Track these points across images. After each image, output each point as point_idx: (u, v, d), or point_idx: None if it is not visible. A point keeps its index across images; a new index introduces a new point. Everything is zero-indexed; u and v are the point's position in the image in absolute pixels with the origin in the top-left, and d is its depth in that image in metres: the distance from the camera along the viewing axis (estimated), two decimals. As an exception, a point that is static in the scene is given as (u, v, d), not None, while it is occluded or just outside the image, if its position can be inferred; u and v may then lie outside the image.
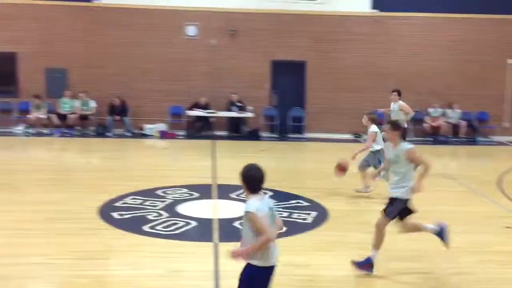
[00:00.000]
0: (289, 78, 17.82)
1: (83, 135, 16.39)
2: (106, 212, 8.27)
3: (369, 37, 17.57)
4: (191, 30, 17.29)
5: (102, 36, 16.88)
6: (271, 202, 4.52)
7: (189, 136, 16.78)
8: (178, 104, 17.15)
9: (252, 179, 4.39)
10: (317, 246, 7.29)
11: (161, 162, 13.32)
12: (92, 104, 16.73)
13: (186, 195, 9.47)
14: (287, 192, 9.91)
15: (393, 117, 12.26)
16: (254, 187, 4.39)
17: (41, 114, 16.38)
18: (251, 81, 17.33)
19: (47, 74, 16.82)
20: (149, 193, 9.42)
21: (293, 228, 7.89)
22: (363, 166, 10.00)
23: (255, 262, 4.37)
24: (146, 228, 7.65)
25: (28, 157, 13.70)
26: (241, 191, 9.73)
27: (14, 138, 15.61)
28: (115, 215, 8.16)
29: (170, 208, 8.59)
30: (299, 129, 17.70)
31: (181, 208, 8.64)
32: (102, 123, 16.74)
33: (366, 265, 6.22)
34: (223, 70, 17.24)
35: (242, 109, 17.05)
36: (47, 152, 14.44)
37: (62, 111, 16.55)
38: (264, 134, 17.39)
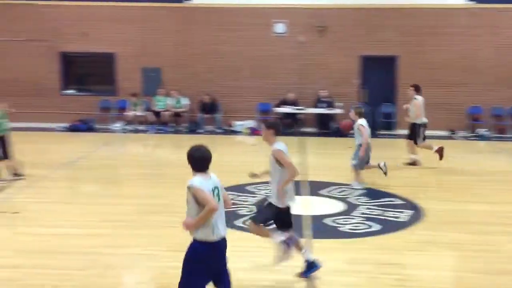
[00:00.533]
0: (378, 73, 17.47)
1: (176, 131, 16.95)
2: (199, 206, 8.52)
3: (465, 30, 16.85)
4: (279, 28, 17.38)
5: (193, 35, 17.37)
6: (219, 182, 4.69)
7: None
8: (267, 101, 17.31)
9: (199, 159, 4.59)
10: (410, 246, 7.13)
11: (251, 158, 13.51)
12: (185, 101, 17.27)
13: (276, 191, 9.56)
14: (380, 190, 9.76)
15: (411, 113, 11.84)
16: (200, 167, 4.60)
17: (138, 112, 17.13)
18: (339, 77, 17.16)
19: (143, 73, 17.55)
20: (240, 189, 9.60)
21: (387, 227, 7.76)
22: (365, 163, 9.80)
23: (198, 237, 4.52)
24: (238, 223, 7.81)
25: (126, 152, 14.39)
26: (333, 187, 9.73)
27: (112, 135, 16.44)
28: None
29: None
30: (389, 126, 17.31)
31: (272, 204, 8.73)
32: (194, 120, 17.25)
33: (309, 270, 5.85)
34: (311, 67, 17.19)
35: (330, 105, 16.93)
36: (143, 148, 15.09)
37: (156, 108, 17.21)
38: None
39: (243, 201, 8.94)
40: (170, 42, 17.39)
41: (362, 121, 9.76)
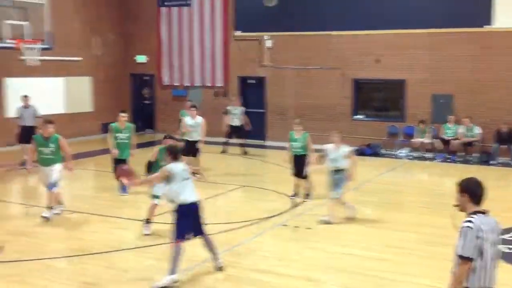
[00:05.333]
0: None
1: (465, 161, 16.16)
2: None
3: None
4: None
5: (491, 61, 16.38)
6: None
7: None
8: None
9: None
10: None
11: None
12: (477, 130, 16.36)
13: None
14: None
15: None
16: (175, 156, 7.06)
17: (425, 139, 16.88)
18: None
19: (433, 99, 17.25)
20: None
21: None
22: None
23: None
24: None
25: (411, 179, 14.32)
26: None
27: (397, 161, 16.51)
28: (503, 248, 7.79)
29: None
30: None
31: None
32: (486, 150, 16.21)
33: None
34: None
35: None
36: (429, 176, 14.79)
37: (445, 136, 16.70)
38: None
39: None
40: (464, 68, 16.72)
41: None
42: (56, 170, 9.53)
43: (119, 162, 11.21)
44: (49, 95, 18.33)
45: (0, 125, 15.76)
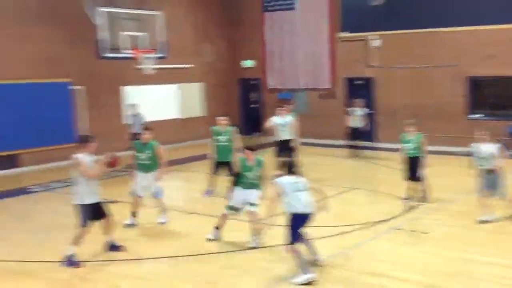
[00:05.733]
0: None
1: None
2: None
3: None
4: None
5: None
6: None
7: None
8: None
9: None
10: None
11: None
12: None
13: None
14: None
15: None
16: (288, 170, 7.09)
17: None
18: None
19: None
20: None
21: None
22: None
23: None
24: None
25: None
26: None
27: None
28: None
29: None
30: None
31: None
32: None
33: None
34: None
35: None
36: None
37: None
38: None
39: None
40: None
41: None
42: (155, 177, 9.62)
43: (221, 164, 11.46)
44: (164, 101, 19.26)
45: (119, 130, 16.71)
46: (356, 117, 16.63)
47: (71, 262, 7.71)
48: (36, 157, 15.70)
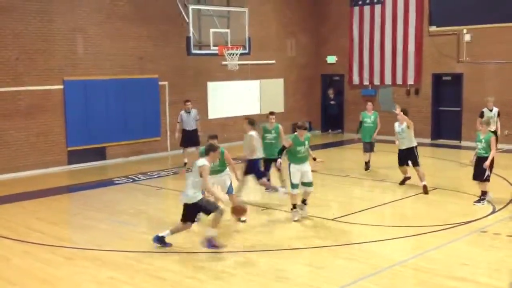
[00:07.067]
0: None
1: None
2: None
3: None
4: None
5: None
6: None
7: None
8: None
9: None
10: None
11: None
12: None
13: None
14: None
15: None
16: None
17: None
18: None
19: None
20: None
21: None
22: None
23: None
24: None
25: None
26: None
27: None
28: None
29: None
30: None
31: None
32: None
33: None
34: None
35: None
36: None
37: None
38: None
39: None
40: None
41: None
42: (226, 178, 9.55)
43: (268, 161, 11.23)
44: (246, 97, 19.47)
45: (204, 125, 16.91)
46: (490, 118, 13.08)
47: (211, 243, 8.17)
48: (123, 150, 16.35)
